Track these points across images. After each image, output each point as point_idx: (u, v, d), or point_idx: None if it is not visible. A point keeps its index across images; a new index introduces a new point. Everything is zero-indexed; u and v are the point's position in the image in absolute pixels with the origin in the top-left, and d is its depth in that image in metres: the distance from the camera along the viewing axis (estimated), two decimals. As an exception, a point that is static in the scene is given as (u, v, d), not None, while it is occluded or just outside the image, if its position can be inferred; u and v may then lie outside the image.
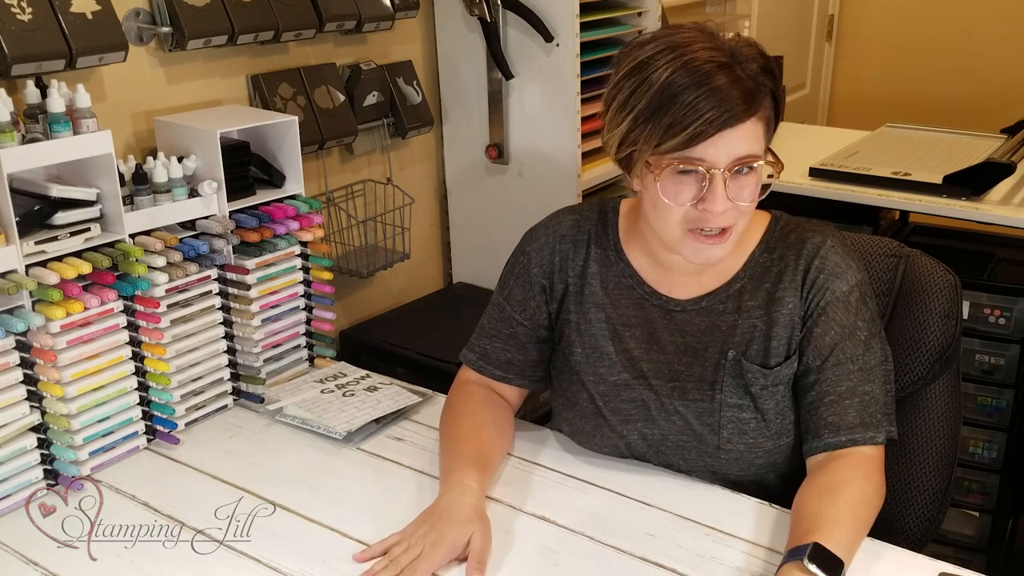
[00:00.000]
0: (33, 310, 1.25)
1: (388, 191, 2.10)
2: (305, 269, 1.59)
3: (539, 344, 1.35)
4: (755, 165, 1.14)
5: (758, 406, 1.23)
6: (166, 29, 1.56)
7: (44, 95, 1.28)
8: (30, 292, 1.24)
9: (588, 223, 1.33)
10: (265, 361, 1.56)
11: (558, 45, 1.99)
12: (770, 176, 1.19)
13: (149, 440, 1.42)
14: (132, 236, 1.36)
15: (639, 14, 2.21)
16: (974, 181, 2.10)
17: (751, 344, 1.24)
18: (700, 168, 1.12)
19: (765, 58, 1.16)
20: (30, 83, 1.31)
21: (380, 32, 1.97)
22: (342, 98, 1.88)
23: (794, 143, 2.44)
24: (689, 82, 1.10)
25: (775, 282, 1.24)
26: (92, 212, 1.32)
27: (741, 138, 1.12)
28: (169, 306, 1.40)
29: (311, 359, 1.65)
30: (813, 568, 1.02)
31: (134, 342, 1.37)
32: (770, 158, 1.17)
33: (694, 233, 1.16)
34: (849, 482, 1.16)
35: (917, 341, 1.33)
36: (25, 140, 1.25)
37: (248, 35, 1.64)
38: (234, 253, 1.49)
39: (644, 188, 1.18)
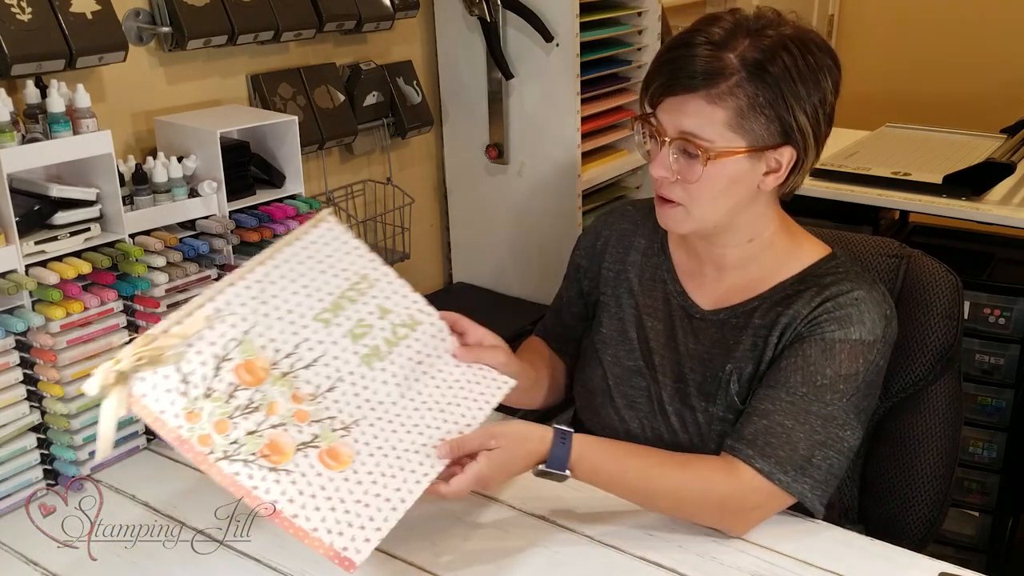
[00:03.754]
0: (33, 310, 1.25)
1: (388, 191, 2.10)
2: (305, 269, 1.59)
3: (574, 318, 1.44)
4: (697, 148, 1.13)
5: (732, 421, 1.22)
6: (166, 29, 1.56)
7: (44, 95, 1.28)
8: (30, 292, 1.24)
9: (640, 214, 1.39)
10: (265, 361, 1.55)
11: (558, 45, 1.99)
12: (768, 174, 1.18)
13: (149, 440, 1.42)
14: (132, 236, 1.36)
15: (639, 14, 2.21)
16: (974, 181, 2.10)
17: (747, 363, 1.22)
18: (654, 130, 1.18)
19: (770, 53, 1.12)
20: (30, 83, 1.31)
21: (380, 32, 1.97)
22: (342, 98, 1.88)
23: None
24: (667, 47, 1.18)
25: (785, 307, 1.21)
26: (92, 212, 1.32)
27: (686, 113, 1.14)
28: (169, 306, 1.40)
29: (311, 359, 1.65)
30: (541, 467, 1.12)
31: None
32: (724, 150, 1.13)
33: (657, 196, 1.22)
34: (694, 462, 1.17)
35: (918, 341, 1.33)
36: (25, 140, 1.25)
37: (248, 35, 1.64)
38: (234, 253, 1.49)
39: None
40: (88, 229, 1.31)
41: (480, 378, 1.21)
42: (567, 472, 1.12)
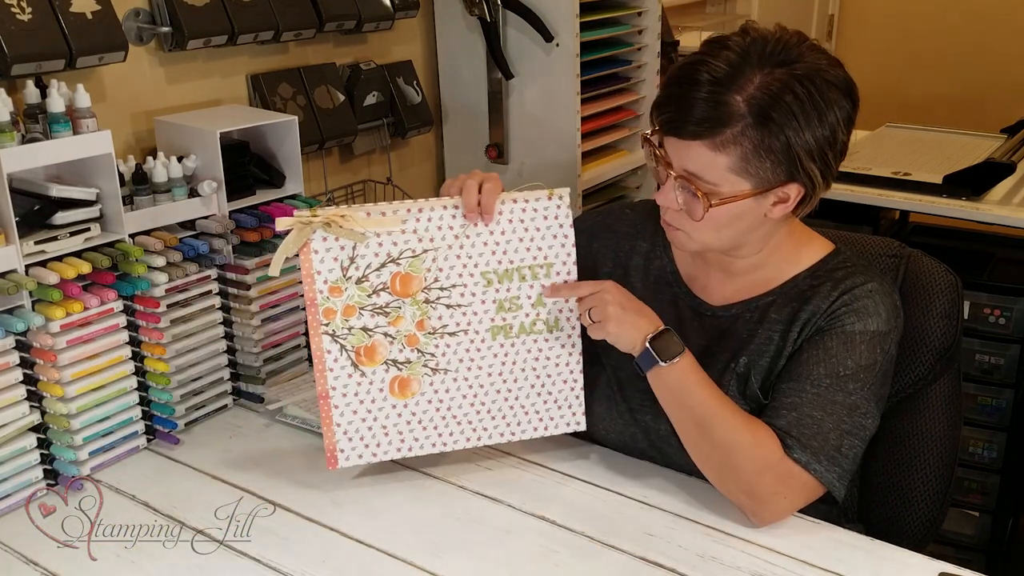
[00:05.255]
0: (33, 310, 1.25)
1: (388, 191, 2.10)
2: (305, 269, 1.59)
3: None
4: (701, 190, 1.13)
5: (753, 413, 1.23)
6: (166, 29, 1.56)
7: (44, 95, 1.28)
8: (30, 292, 1.24)
9: (639, 218, 1.38)
10: (265, 361, 1.56)
11: (558, 45, 1.99)
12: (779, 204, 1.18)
13: (149, 440, 1.42)
14: (132, 236, 1.36)
15: (639, 14, 2.22)
16: (974, 181, 2.11)
17: (763, 356, 1.23)
18: (661, 159, 1.17)
19: (777, 97, 1.09)
20: (30, 83, 1.31)
21: (380, 32, 1.97)
22: (342, 98, 1.88)
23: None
24: (670, 80, 1.16)
25: (803, 303, 1.22)
26: (92, 212, 1.32)
27: (689, 156, 1.13)
28: (169, 306, 1.40)
29: (311, 359, 1.65)
30: (647, 345, 1.17)
31: (134, 342, 1.37)
32: (728, 195, 1.13)
33: (663, 219, 1.23)
34: (757, 421, 1.17)
35: (918, 341, 1.33)
36: (25, 140, 1.25)
37: (248, 35, 1.64)
38: (234, 253, 1.49)
39: None
40: (88, 229, 1.31)
41: (567, 404, 1.29)
42: (665, 363, 1.16)
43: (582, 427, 1.30)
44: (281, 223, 1.17)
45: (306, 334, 1.63)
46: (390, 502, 1.26)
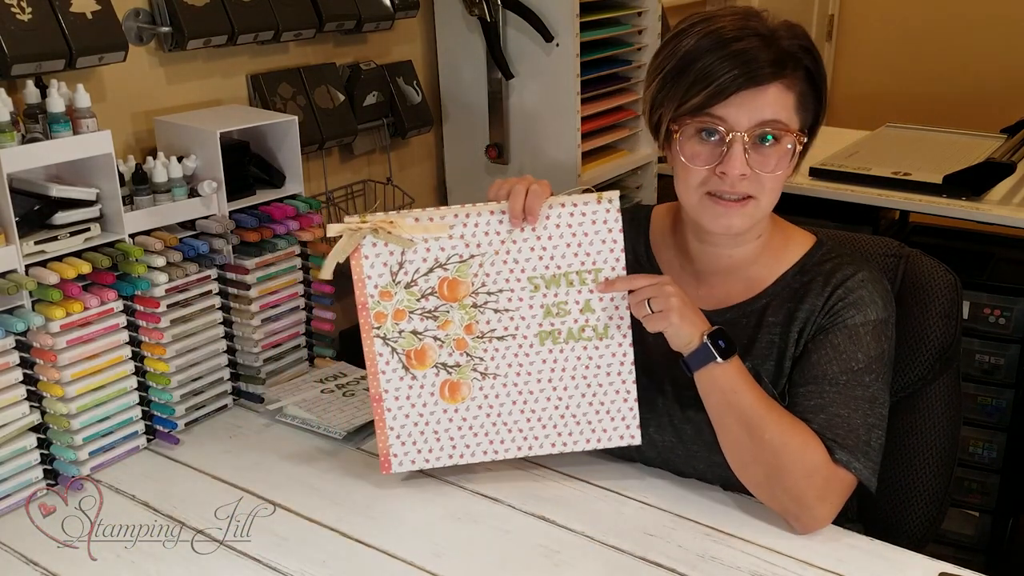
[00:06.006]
0: (33, 310, 1.25)
1: (388, 191, 2.10)
2: (305, 269, 1.59)
3: None
4: (779, 134, 1.15)
5: None
6: (166, 29, 1.56)
7: (44, 95, 1.28)
8: (30, 292, 1.24)
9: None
10: (265, 361, 1.56)
11: (558, 45, 1.99)
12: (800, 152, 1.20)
13: (149, 440, 1.42)
14: (132, 236, 1.36)
15: (639, 14, 2.21)
16: (974, 181, 2.11)
17: (767, 360, 1.23)
18: (720, 129, 1.14)
19: (807, 39, 1.17)
20: (30, 83, 1.31)
21: (380, 32, 1.97)
22: (342, 98, 1.88)
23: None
24: (713, 45, 1.14)
25: (798, 302, 1.22)
26: (92, 212, 1.32)
27: (766, 102, 1.13)
28: (169, 306, 1.40)
29: (311, 359, 1.65)
30: (705, 339, 1.15)
31: (134, 342, 1.37)
32: (798, 132, 1.17)
33: (712, 197, 1.18)
34: (802, 424, 1.15)
35: (917, 341, 1.33)
36: (25, 140, 1.25)
37: (248, 35, 1.64)
38: (234, 253, 1.49)
39: (670, 155, 1.20)
40: (88, 229, 1.31)
41: (620, 417, 1.26)
42: (722, 360, 1.14)
43: (637, 441, 1.26)
44: (332, 228, 1.20)
45: (306, 334, 1.63)
46: (390, 502, 1.27)
